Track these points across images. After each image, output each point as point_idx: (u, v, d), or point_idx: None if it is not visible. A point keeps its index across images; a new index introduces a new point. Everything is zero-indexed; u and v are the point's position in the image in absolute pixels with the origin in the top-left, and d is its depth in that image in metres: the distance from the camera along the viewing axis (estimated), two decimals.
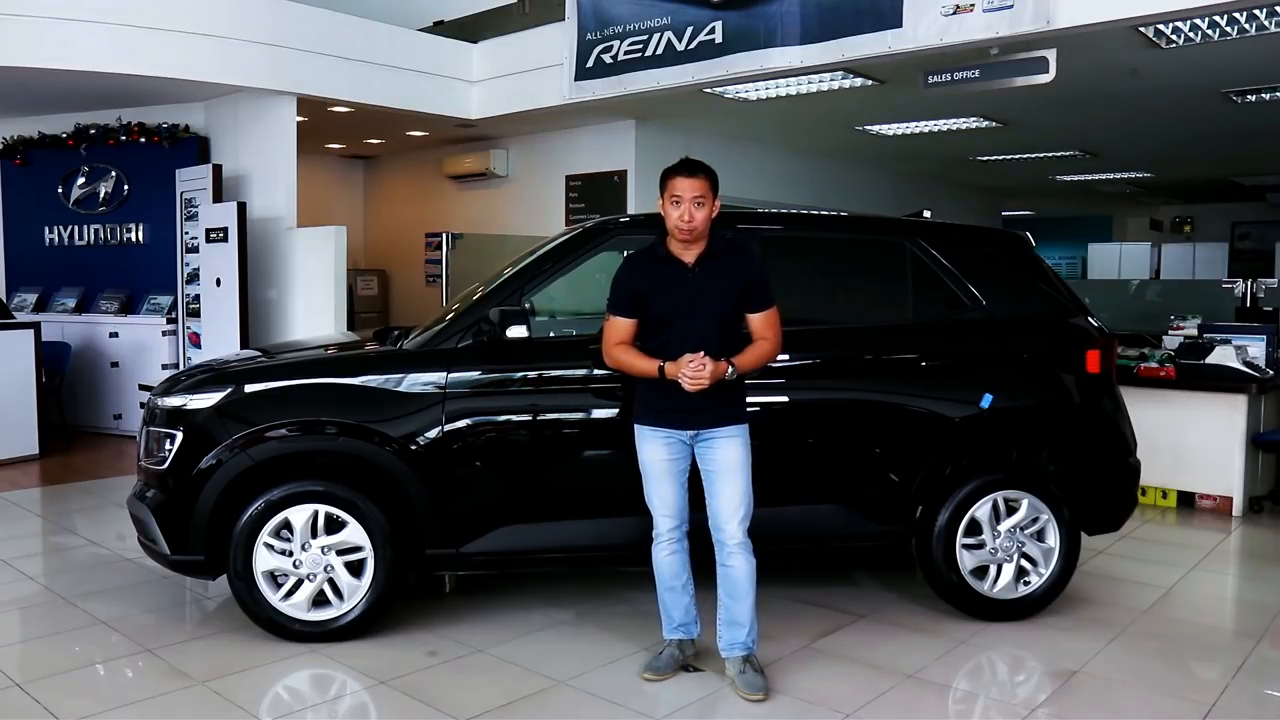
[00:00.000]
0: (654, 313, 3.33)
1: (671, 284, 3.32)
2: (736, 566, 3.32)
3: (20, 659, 3.64)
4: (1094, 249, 16.42)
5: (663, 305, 3.32)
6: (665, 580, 3.42)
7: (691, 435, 3.34)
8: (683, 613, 3.46)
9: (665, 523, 3.38)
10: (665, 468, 3.35)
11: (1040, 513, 4.00)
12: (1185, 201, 17.71)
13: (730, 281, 3.32)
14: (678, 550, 3.39)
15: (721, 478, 3.32)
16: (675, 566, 3.39)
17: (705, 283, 3.31)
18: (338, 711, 3.23)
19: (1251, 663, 3.68)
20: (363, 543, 3.64)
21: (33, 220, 8.99)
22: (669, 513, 3.37)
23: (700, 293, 3.30)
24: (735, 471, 3.32)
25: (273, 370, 3.87)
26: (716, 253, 3.35)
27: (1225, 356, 5.99)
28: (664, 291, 3.32)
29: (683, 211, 3.26)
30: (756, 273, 3.37)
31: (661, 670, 3.44)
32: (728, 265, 3.34)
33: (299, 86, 7.75)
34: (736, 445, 3.33)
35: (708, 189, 3.28)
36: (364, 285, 11.34)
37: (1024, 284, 4.25)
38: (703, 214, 3.27)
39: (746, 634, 3.35)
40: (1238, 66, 6.87)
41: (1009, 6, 5.51)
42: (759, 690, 3.28)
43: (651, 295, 3.33)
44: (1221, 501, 6.01)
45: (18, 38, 6.89)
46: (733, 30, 6.66)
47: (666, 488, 3.36)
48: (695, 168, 3.31)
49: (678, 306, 3.30)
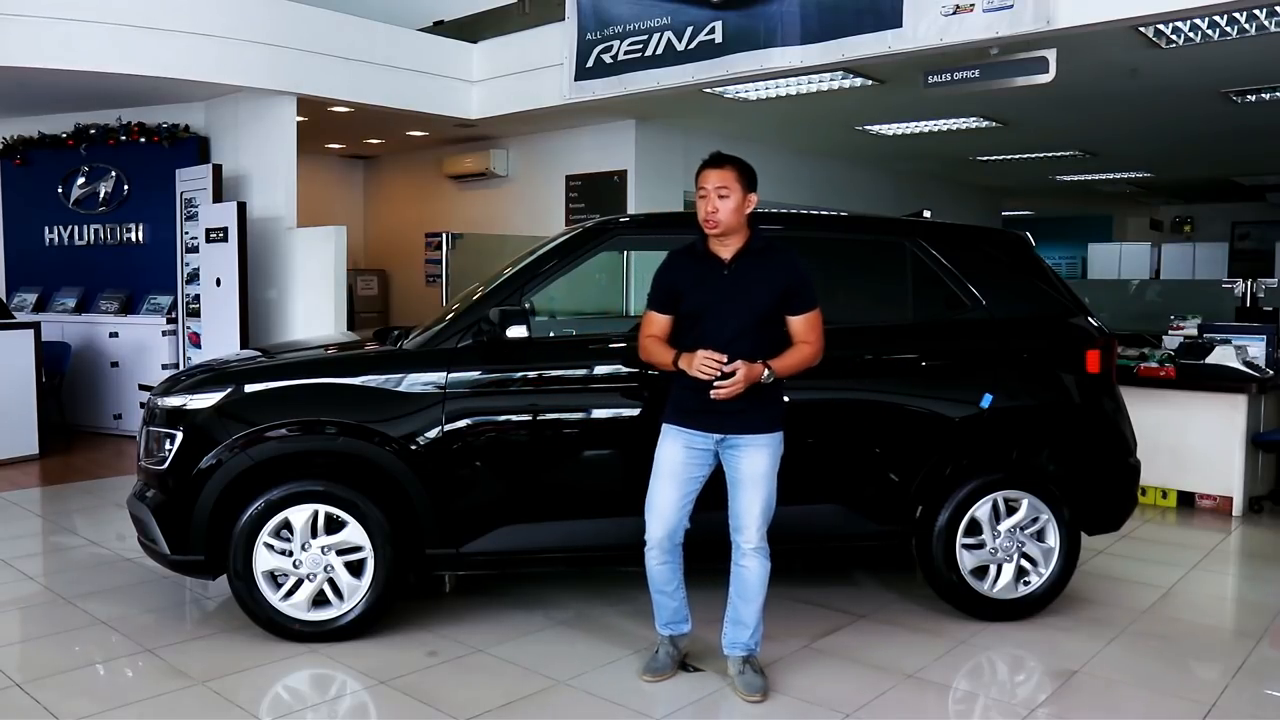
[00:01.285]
0: (685, 309, 3.26)
1: (705, 280, 3.24)
2: (750, 568, 3.28)
3: (20, 659, 3.64)
4: (1094, 249, 16.41)
5: (695, 302, 3.24)
6: (656, 584, 3.38)
7: (718, 440, 3.25)
8: (672, 612, 3.44)
9: (657, 530, 3.28)
10: (676, 469, 3.26)
11: (1040, 513, 4.00)
12: (1185, 201, 17.71)
13: (768, 281, 3.21)
14: (669, 561, 3.32)
15: (746, 485, 3.24)
16: (666, 574, 3.34)
17: (740, 280, 3.22)
18: (338, 711, 3.23)
19: (1251, 663, 3.68)
20: (363, 543, 3.64)
21: (33, 220, 9.00)
22: (664, 518, 3.26)
23: (734, 290, 3.21)
24: (761, 481, 3.23)
25: (273, 370, 3.87)
26: (756, 251, 3.26)
27: (1225, 356, 5.99)
28: (697, 288, 3.24)
29: (707, 203, 3.20)
30: (798, 274, 3.25)
31: (659, 671, 3.41)
32: (767, 264, 3.24)
33: (299, 86, 7.76)
34: (765, 455, 3.23)
35: (734, 179, 3.19)
36: (364, 285, 11.34)
37: (1024, 284, 4.25)
38: (728, 205, 3.18)
39: (750, 635, 3.33)
40: (1238, 66, 6.87)
41: (1009, 6, 5.51)
42: (757, 691, 3.27)
43: (685, 292, 3.26)
44: (1221, 501, 6.01)
45: (18, 38, 6.89)
46: (733, 30, 6.66)
47: (669, 490, 3.26)
48: (720, 159, 3.24)
49: (709, 304, 3.21)
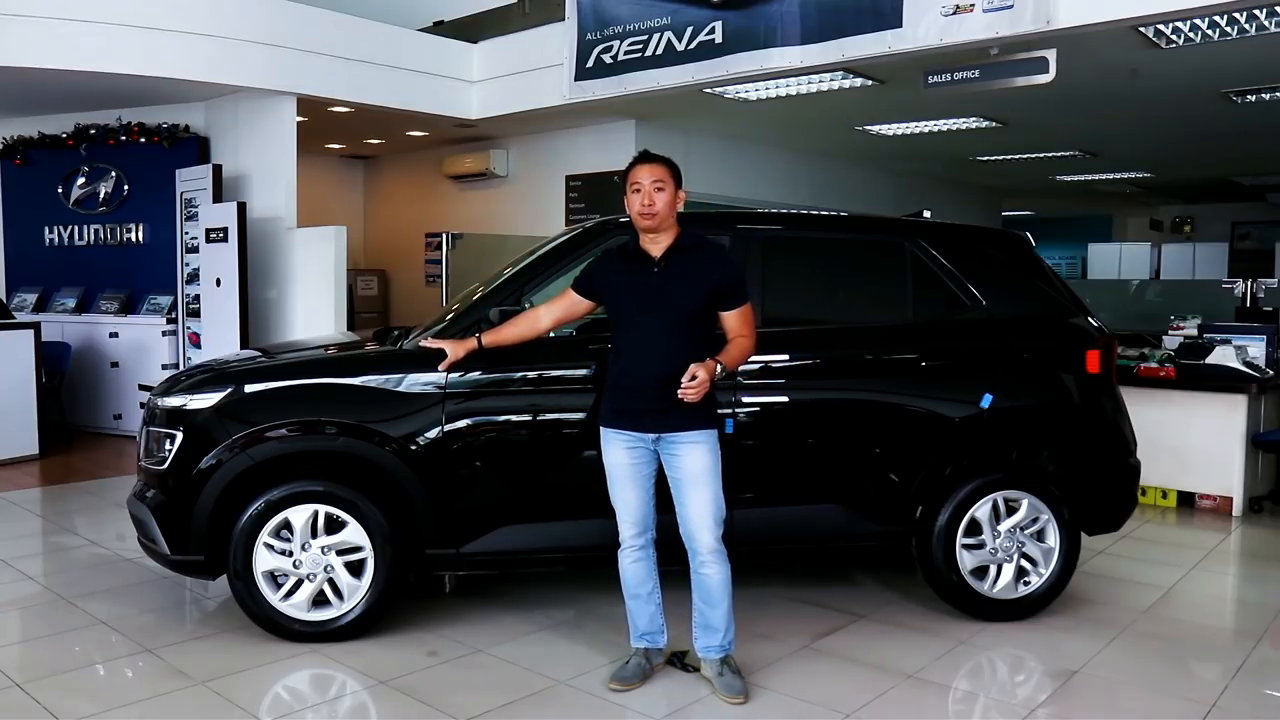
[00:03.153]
0: (616, 308, 3.30)
1: (635, 280, 3.26)
2: (711, 575, 3.25)
3: (20, 659, 3.64)
4: (1094, 249, 16.40)
5: (626, 301, 3.27)
6: (630, 588, 3.35)
7: (654, 439, 3.25)
8: (648, 621, 3.39)
9: (628, 529, 3.30)
10: (628, 472, 3.26)
11: (1040, 513, 4.00)
12: (1185, 201, 17.70)
13: (700, 279, 3.21)
14: (642, 558, 3.32)
15: (690, 486, 3.21)
16: (640, 574, 3.32)
17: (671, 279, 3.22)
18: (338, 711, 3.23)
19: (1251, 663, 3.68)
20: (363, 543, 3.64)
21: (33, 220, 9.00)
22: (632, 519, 3.29)
23: (665, 289, 3.21)
24: (704, 479, 3.20)
25: (273, 370, 3.87)
26: (687, 248, 3.26)
27: (1225, 356, 5.99)
28: (627, 288, 3.27)
29: (643, 197, 3.20)
30: (731, 271, 3.27)
31: (628, 680, 3.35)
32: (699, 262, 3.24)
33: (299, 86, 7.75)
34: (704, 451, 3.21)
35: (667, 174, 3.23)
36: (364, 285, 11.35)
37: (1024, 284, 4.25)
38: (664, 198, 3.19)
39: (722, 637, 3.31)
40: (1238, 66, 6.87)
41: (1009, 6, 5.51)
42: (739, 693, 3.25)
43: (609, 291, 3.32)
44: (1221, 501, 6.01)
45: (18, 38, 6.89)
46: (733, 30, 6.67)
47: (630, 493, 3.27)
48: (653, 156, 3.30)
49: (640, 303, 3.23)
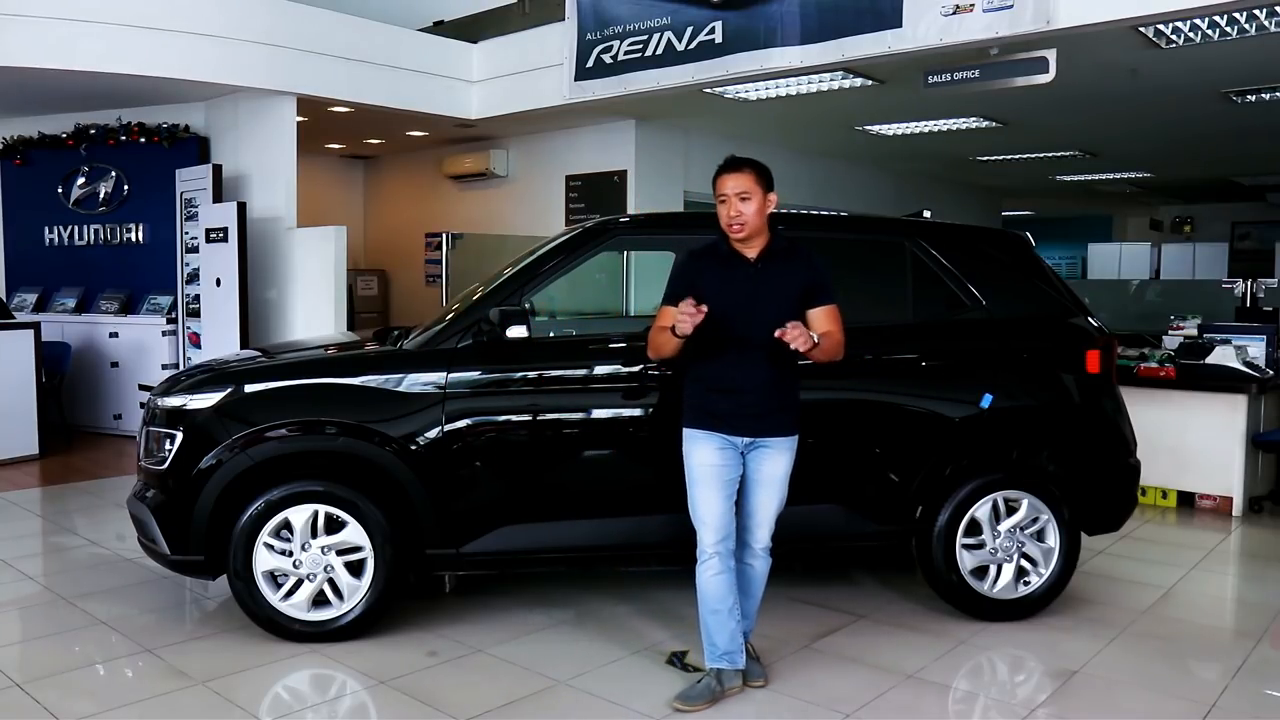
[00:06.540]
0: (715, 308, 3.10)
1: (733, 280, 3.21)
2: (757, 567, 3.33)
3: (20, 659, 3.64)
4: (1094, 249, 16.39)
5: (723, 302, 3.13)
6: (710, 603, 3.19)
7: (747, 443, 3.22)
8: (728, 639, 3.22)
9: (710, 536, 3.16)
10: (715, 474, 3.16)
11: (1040, 513, 4.00)
12: (1185, 201, 17.70)
13: (792, 281, 3.22)
14: (724, 570, 3.18)
15: (765, 486, 3.23)
16: (722, 588, 3.18)
17: (768, 281, 3.21)
18: (338, 711, 3.23)
19: (1251, 663, 3.68)
20: (363, 543, 3.64)
21: (33, 220, 8.99)
22: (714, 525, 3.16)
23: (762, 290, 3.19)
24: (781, 482, 3.24)
25: (272, 370, 3.87)
26: (779, 251, 3.25)
27: (1225, 356, 5.99)
28: (725, 288, 3.18)
29: (729, 207, 3.17)
30: (819, 270, 3.28)
31: (694, 701, 3.17)
32: (790, 265, 3.24)
33: (298, 86, 7.75)
34: (787, 458, 3.25)
35: (753, 182, 3.18)
36: (364, 285, 11.35)
37: (1024, 284, 4.25)
38: (750, 208, 3.16)
39: (750, 624, 3.41)
40: (1238, 66, 6.87)
41: (1009, 6, 5.51)
42: (760, 677, 3.35)
43: (709, 292, 3.14)
44: (1221, 501, 6.00)
45: (18, 38, 6.89)
46: (733, 30, 6.66)
47: (714, 496, 3.16)
48: (737, 163, 3.23)
49: (739, 303, 3.17)
